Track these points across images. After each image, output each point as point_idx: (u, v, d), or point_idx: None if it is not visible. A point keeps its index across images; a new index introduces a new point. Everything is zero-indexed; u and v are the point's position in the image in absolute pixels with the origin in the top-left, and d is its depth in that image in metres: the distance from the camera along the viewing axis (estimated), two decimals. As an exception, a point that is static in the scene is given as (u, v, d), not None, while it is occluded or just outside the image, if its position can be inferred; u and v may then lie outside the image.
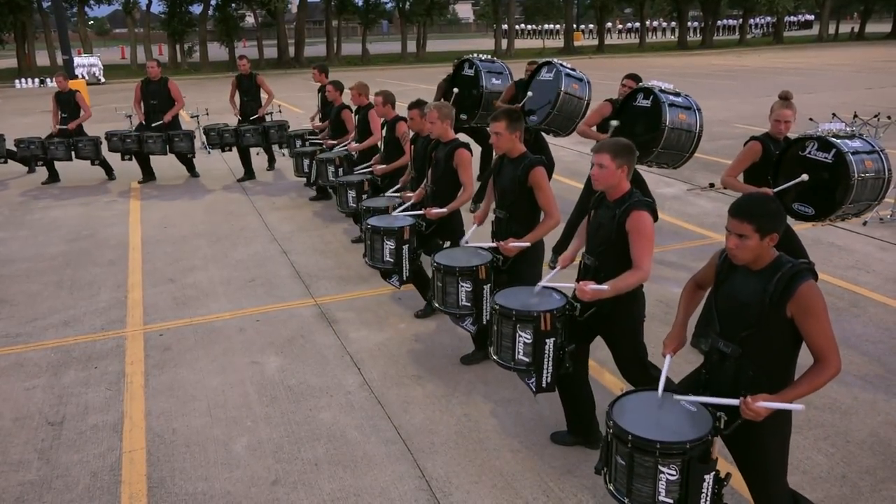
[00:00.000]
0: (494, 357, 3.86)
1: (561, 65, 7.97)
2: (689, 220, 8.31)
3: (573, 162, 11.55)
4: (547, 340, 3.63)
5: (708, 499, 2.69)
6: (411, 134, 6.21)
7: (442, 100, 7.97)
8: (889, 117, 8.52)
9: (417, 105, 5.90)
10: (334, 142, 8.71)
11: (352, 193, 7.10)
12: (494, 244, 4.49)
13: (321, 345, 5.28)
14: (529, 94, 7.83)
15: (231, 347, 5.27)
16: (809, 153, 5.16)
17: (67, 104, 10.58)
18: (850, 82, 22.68)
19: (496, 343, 3.82)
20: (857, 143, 5.15)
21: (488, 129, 4.56)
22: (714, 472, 2.69)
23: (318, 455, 3.94)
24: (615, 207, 3.50)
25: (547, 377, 3.70)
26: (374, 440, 4.06)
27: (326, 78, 9.58)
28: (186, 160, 10.97)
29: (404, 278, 5.38)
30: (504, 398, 4.47)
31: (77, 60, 27.67)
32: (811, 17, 65.76)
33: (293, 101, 20.59)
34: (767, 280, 2.66)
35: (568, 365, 3.71)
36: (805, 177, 5.08)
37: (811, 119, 9.52)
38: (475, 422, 4.22)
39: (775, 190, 5.04)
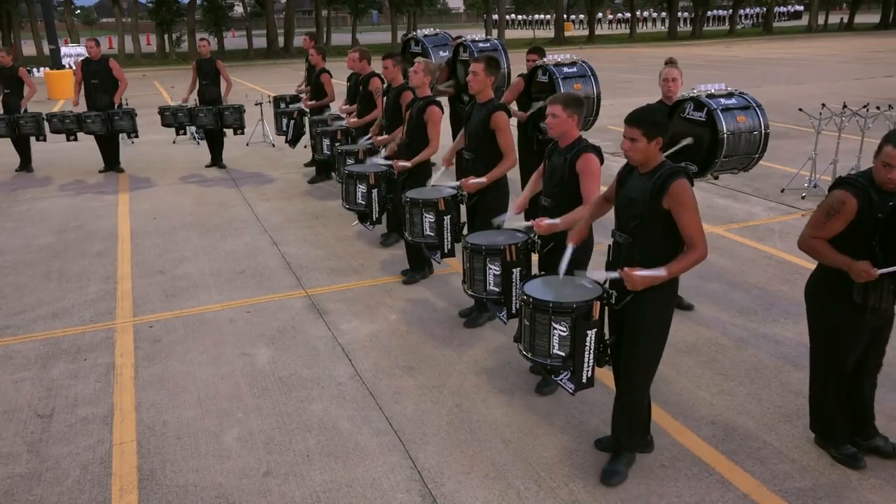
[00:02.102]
0: (468, 291, 4.42)
1: (462, 51, 8.69)
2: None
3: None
4: (513, 270, 4.23)
5: (591, 351, 3.33)
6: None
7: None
8: (878, 107, 8.55)
9: (392, 56, 6.33)
10: (312, 102, 9.30)
11: (326, 142, 8.01)
12: (457, 182, 5.03)
13: (312, 336, 5.27)
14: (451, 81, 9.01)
15: (221, 339, 5.25)
16: (688, 114, 5.48)
17: (10, 80, 10.49)
18: (840, 73, 22.74)
19: (469, 278, 4.36)
20: (731, 101, 5.44)
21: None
22: (595, 329, 3.29)
23: (310, 446, 3.94)
24: (566, 153, 3.99)
25: (516, 303, 4.21)
26: (366, 431, 4.06)
27: (314, 45, 9.95)
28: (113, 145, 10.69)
29: (373, 219, 6.17)
30: (496, 388, 4.47)
31: (64, 50, 27.35)
32: (800, 8, 65.94)
33: (283, 92, 20.43)
34: (650, 179, 3.20)
35: None
36: (690, 140, 5.40)
37: (800, 110, 9.58)
38: (467, 412, 4.23)
39: (664, 154, 5.41)
